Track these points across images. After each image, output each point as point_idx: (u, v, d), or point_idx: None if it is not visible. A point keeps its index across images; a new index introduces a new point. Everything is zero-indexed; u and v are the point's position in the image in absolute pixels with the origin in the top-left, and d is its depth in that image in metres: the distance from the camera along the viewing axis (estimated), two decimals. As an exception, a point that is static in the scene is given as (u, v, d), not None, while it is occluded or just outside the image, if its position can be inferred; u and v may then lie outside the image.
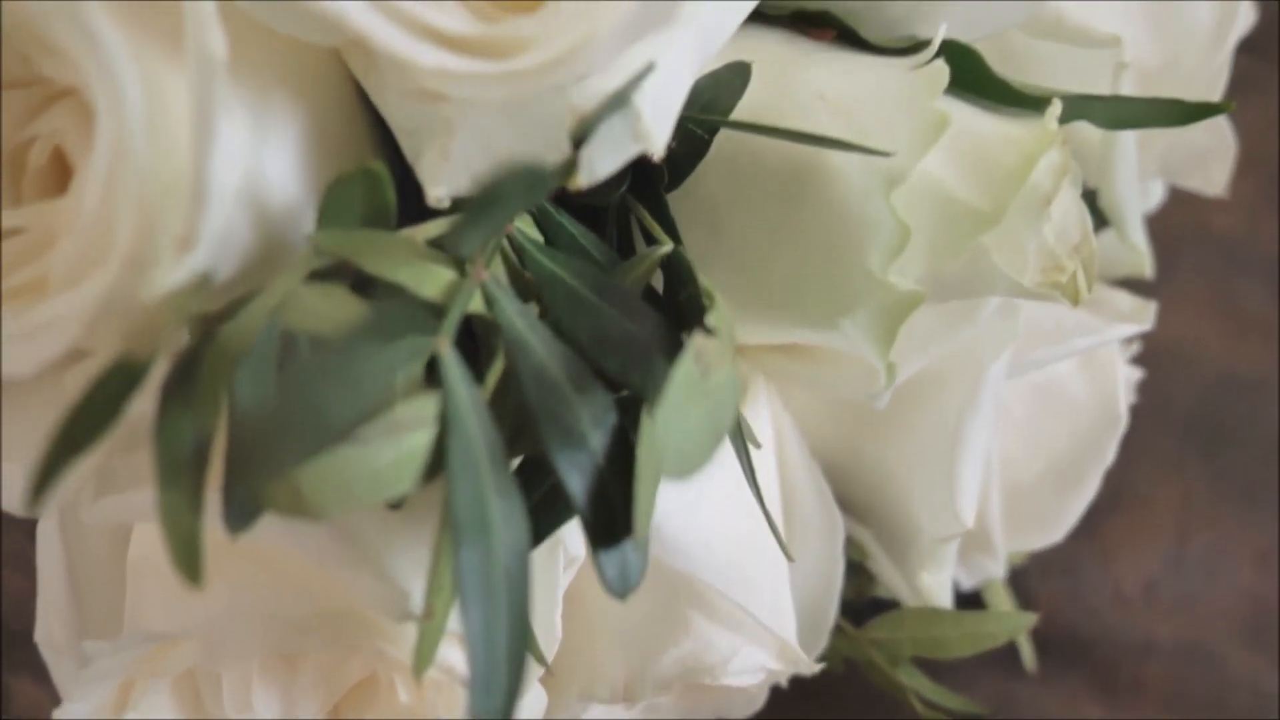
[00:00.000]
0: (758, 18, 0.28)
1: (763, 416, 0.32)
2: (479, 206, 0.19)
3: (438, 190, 0.21)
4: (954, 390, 0.32)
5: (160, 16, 0.21)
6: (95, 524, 0.22)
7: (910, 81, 0.25)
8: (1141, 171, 0.35)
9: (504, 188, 0.18)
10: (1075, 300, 0.26)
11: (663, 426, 0.19)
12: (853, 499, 0.35)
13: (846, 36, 0.28)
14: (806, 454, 0.32)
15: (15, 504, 0.20)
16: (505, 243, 0.24)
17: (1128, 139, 0.32)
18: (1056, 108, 0.26)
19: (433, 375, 0.20)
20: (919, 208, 0.25)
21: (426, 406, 0.19)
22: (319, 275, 0.21)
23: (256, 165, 0.21)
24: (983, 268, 0.25)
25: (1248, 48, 0.72)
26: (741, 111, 0.26)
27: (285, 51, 0.22)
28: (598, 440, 0.21)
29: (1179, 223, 0.43)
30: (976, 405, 0.31)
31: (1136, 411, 0.40)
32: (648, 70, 0.20)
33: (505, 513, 0.20)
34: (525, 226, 0.25)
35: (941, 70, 0.25)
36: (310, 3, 0.19)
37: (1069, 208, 0.26)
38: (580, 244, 0.26)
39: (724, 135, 0.26)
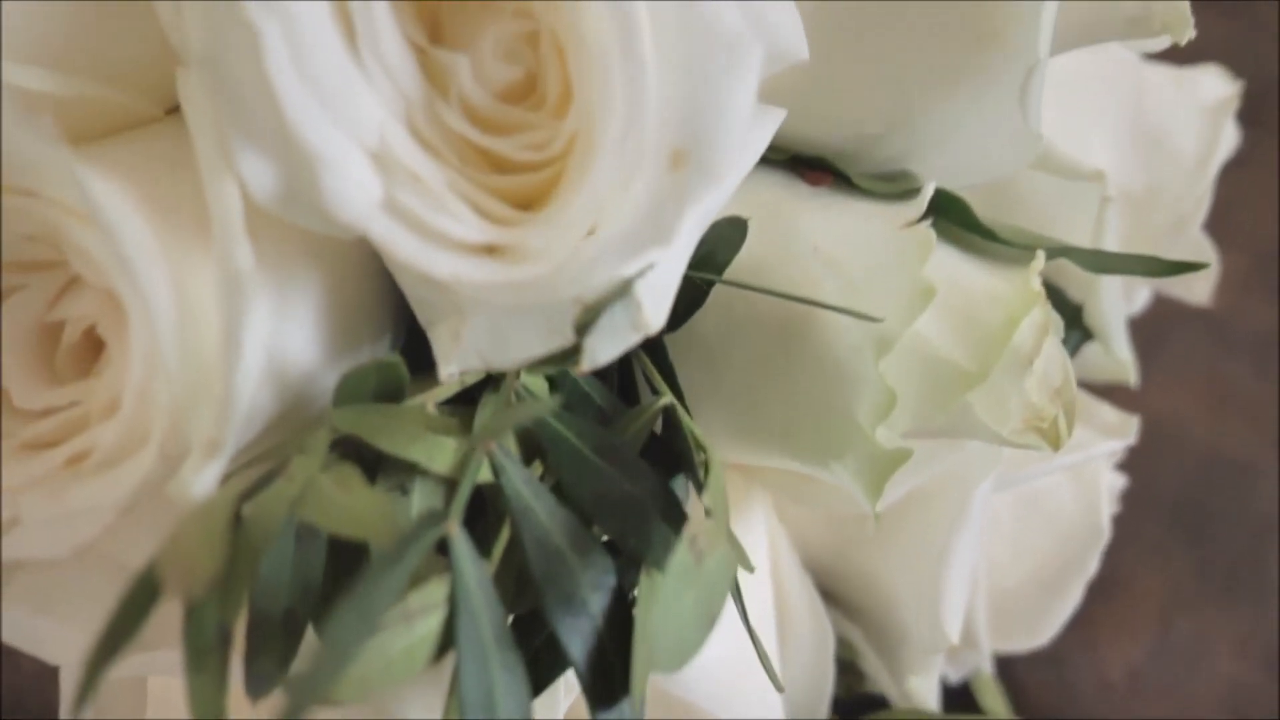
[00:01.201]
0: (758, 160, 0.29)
1: (757, 528, 0.33)
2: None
3: (449, 368, 0.22)
4: (941, 507, 0.33)
5: (184, 202, 0.22)
6: (120, 675, 0.23)
7: (900, 244, 0.26)
8: (1126, 284, 0.36)
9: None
10: (1056, 446, 0.27)
11: (657, 617, 0.20)
12: (843, 598, 0.37)
13: (840, 178, 0.30)
14: (799, 565, 0.34)
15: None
16: (512, 397, 0.25)
17: (1113, 245, 0.34)
18: (1039, 262, 0.27)
19: (440, 546, 0.22)
20: (907, 365, 0.26)
21: (437, 591, 0.20)
22: (336, 445, 0.22)
23: (278, 341, 0.23)
24: (967, 420, 0.26)
25: (1245, 117, 0.73)
26: (739, 259, 0.27)
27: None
28: (597, 604, 0.23)
29: (1167, 299, 0.44)
30: (963, 524, 0.32)
31: (1124, 494, 0.41)
32: (650, 266, 0.21)
33: (508, 686, 0.21)
34: (531, 379, 0.26)
35: (929, 236, 0.26)
36: (335, 212, 0.20)
37: (1051, 354, 0.27)
38: (583, 388, 0.27)
39: (721, 281, 0.27)
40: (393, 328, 0.27)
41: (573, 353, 0.22)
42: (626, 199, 0.20)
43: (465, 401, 0.25)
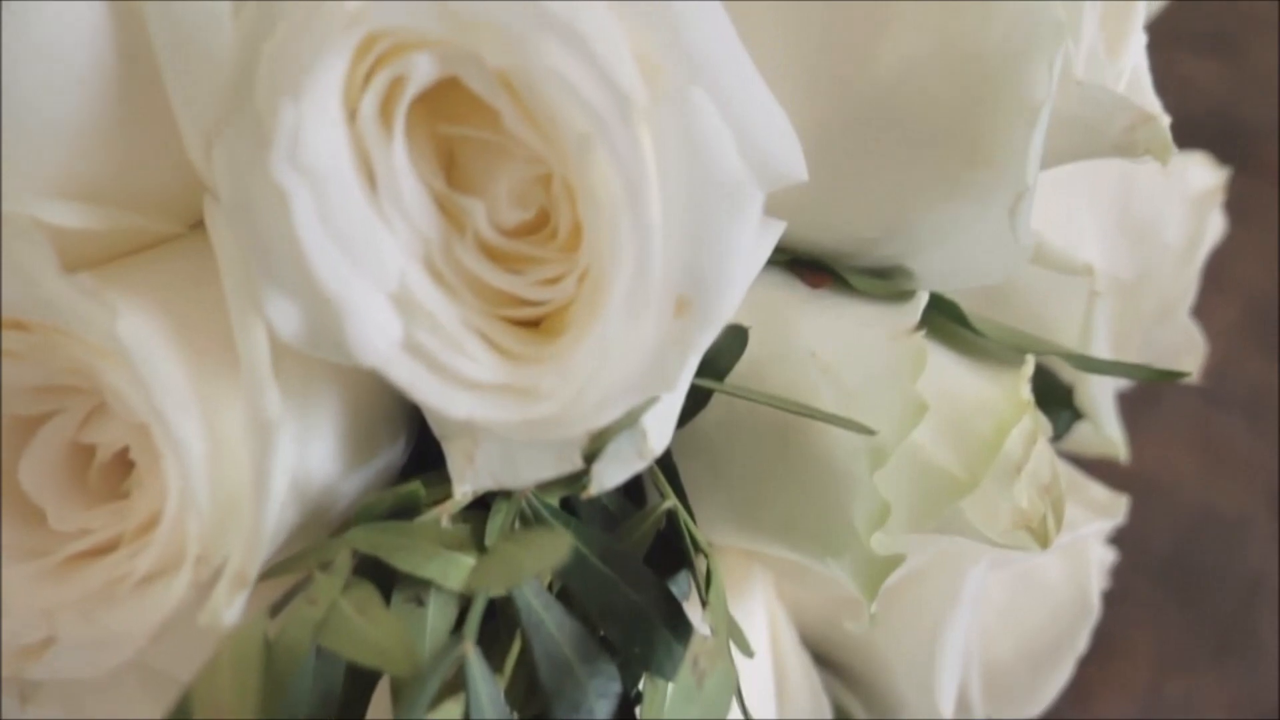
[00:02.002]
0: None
1: (758, 607, 0.34)
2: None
3: (463, 488, 0.24)
4: (936, 585, 0.34)
5: (211, 324, 0.23)
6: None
7: (895, 356, 0.27)
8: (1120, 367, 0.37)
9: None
10: (1045, 544, 0.28)
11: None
12: (840, 665, 0.38)
13: (838, 279, 0.31)
14: (797, 641, 0.35)
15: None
16: (524, 504, 0.26)
17: (1100, 345, 0.35)
18: (1028, 368, 0.28)
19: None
20: (901, 471, 0.27)
21: (453, 710, 0.22)
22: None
23: (302, 461, 0.24)
24: (957, 521, 0.28)
25: (1239, 165, 0.74)
26: (740, 362, 0.28)
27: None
28: (603, 710, 0.24)
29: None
30: (957, 603, 0.33)
31: (1115, 550, 0.42)
32: (655, 400, 0.22)
33: (521, 798, 0.22)
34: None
35: (922, 350, 0.27)
36: (358, 354, 0.21)
37: (1040, 454, 0.28)
38: (589, 488, 0.28)
39: (722, 380, 0.28)
40: (407, 428, 0.28)
41: (581, 475, 0.23)
42: (632, 341, 0.21)
43: (478, 503, 0.26)
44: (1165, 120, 0.28)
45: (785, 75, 0.26)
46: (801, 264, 0.31)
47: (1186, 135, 0.76)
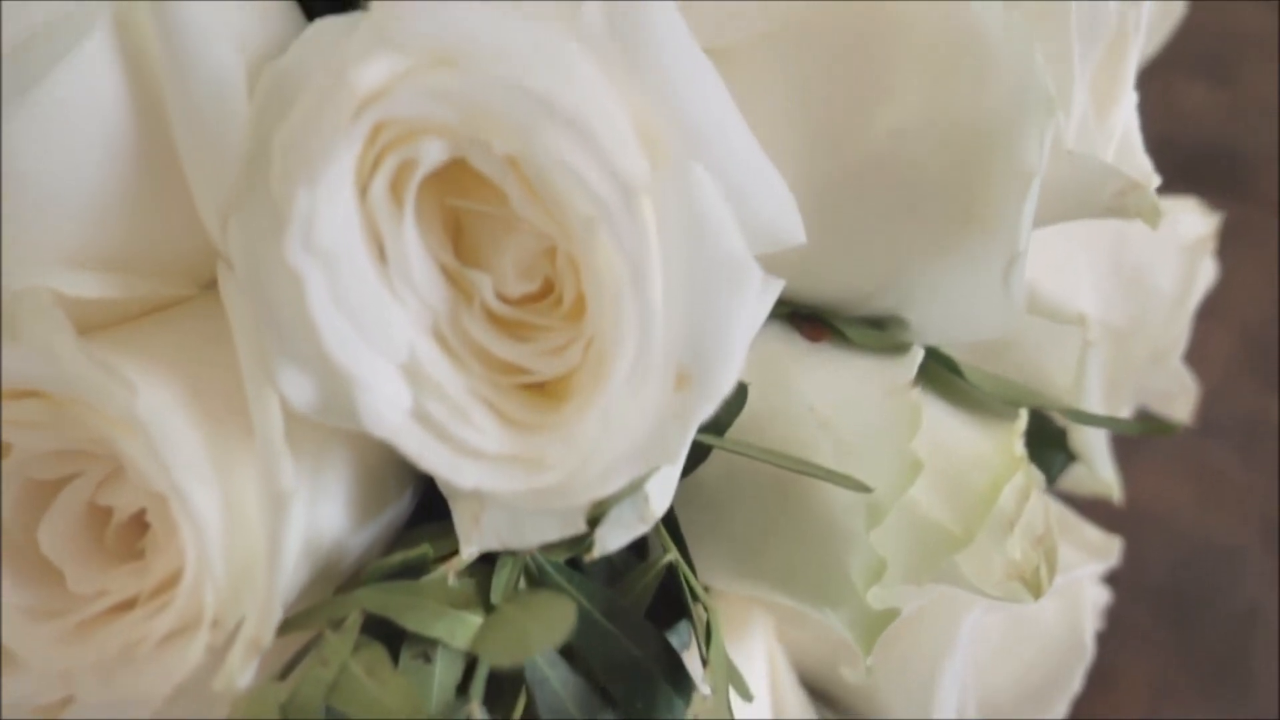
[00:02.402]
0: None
1: (757, 651, 0.35)
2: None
3: (470, 549, 0.24)
4: (933, 627, 0.35)
5: (226, 386, 0.24)
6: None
7: (891, 413, 0.28)
8: (1108, 403, 0.38)
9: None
10: (1038, 594, 0.29)
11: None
12: (838, 701, 0.38)
13: (836, 331, 0.31)
14: (796, 683, 0.35)
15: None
16: (529, 560, 0.27)
17: (1094, 392, 0.35)
18: (1021, 423, 0.29)
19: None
20: (896, 525, 0.28)
21: (460, 772, 0.22)
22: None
23: (313, 520, 0.24)
24: (952, 574, 0.28)
25: (1235, 192, 0.75)
26: (740, 416, 0.29)
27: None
28: (606, 766, 0.24)
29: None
30: (953, 648, 0.34)
31: (1111, 581, 0.43)
32: (658, 469, 0.23)
33: None
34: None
35: (917, 408, 0.27)
36: (368, 426, 0.22)
37: (1033, 507, 0.29)
38: (593, 539, 0.28)
39: (722, 432, 0.29)
40: (414, 481, 0.29)
41: (585, 537, 0.24)
42: (635, 413, 0.22)
43: (484, 556, 0.27)
44: (1155, 182, 0.29)
45: (784, 139, 0.27)
46: (800, 317, 0.32)
47: (1183, 162, 0.76)
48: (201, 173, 0.22)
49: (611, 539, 0.23)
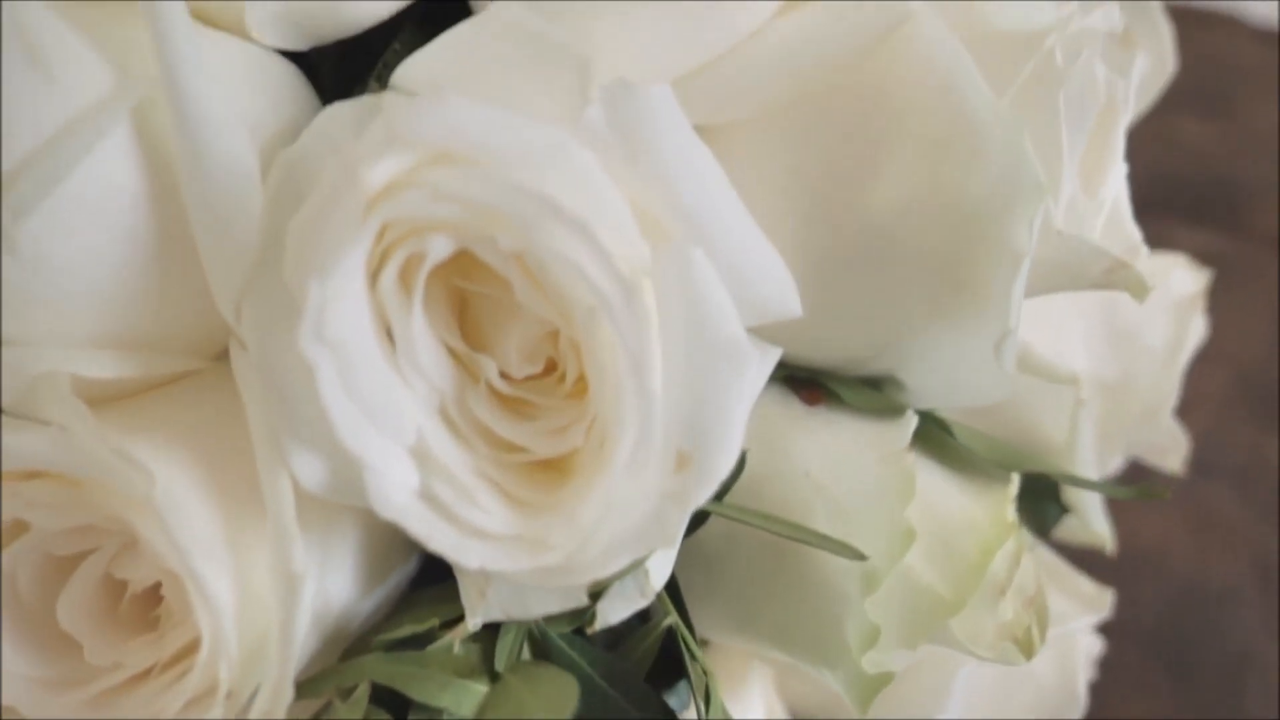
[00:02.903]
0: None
1: (755, 701, 0.35)
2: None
3: (475, 620, 0.25)
4: (926, 682, 0.35)
5: (238, 460, 0.25)
6: None
7: (886, 479, 0.28)
8: (1102, 463, 0.39)
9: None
10: (1029, 655, 0.30)
11: None
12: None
13: (831, 394, 0.32)
14: (795, 734, 0.36)
15: None
16: (532, 627, 0.27)
17: (1086, 450, 0.36)
18: (1013, 488, 0.30)
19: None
20: (891, 591, 0.28)
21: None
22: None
23: (322, 590, 0.25)
24: (944, 636, 0.29)
25: (1229, 226, 0.75)
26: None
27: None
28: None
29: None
30: (946, 701, 0.34)
31: (1106, 624, 0.43)
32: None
33: None
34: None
35: (911, 475, 0.28)
36: (377, 507, 0.22)
37: (1025, 569, 0.30)
38: (595, 601, 0.29)
39: (722, 492, 0.30)
40: (420, 546, 0.29)
41: (586, 609, 0.25)
42: (635, 494, 0.22)
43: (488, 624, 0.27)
44: (1143, 253, 0.30)
45: (782, 213, 0.28)
46: (798, 380, 0.32)
47: (1179, 196, 0.77)
48: (217, 259, 0.23)
49: (613, 612, 0.24)
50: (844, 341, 0.30)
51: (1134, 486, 0.30)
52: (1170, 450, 0.39)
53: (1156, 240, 0.74)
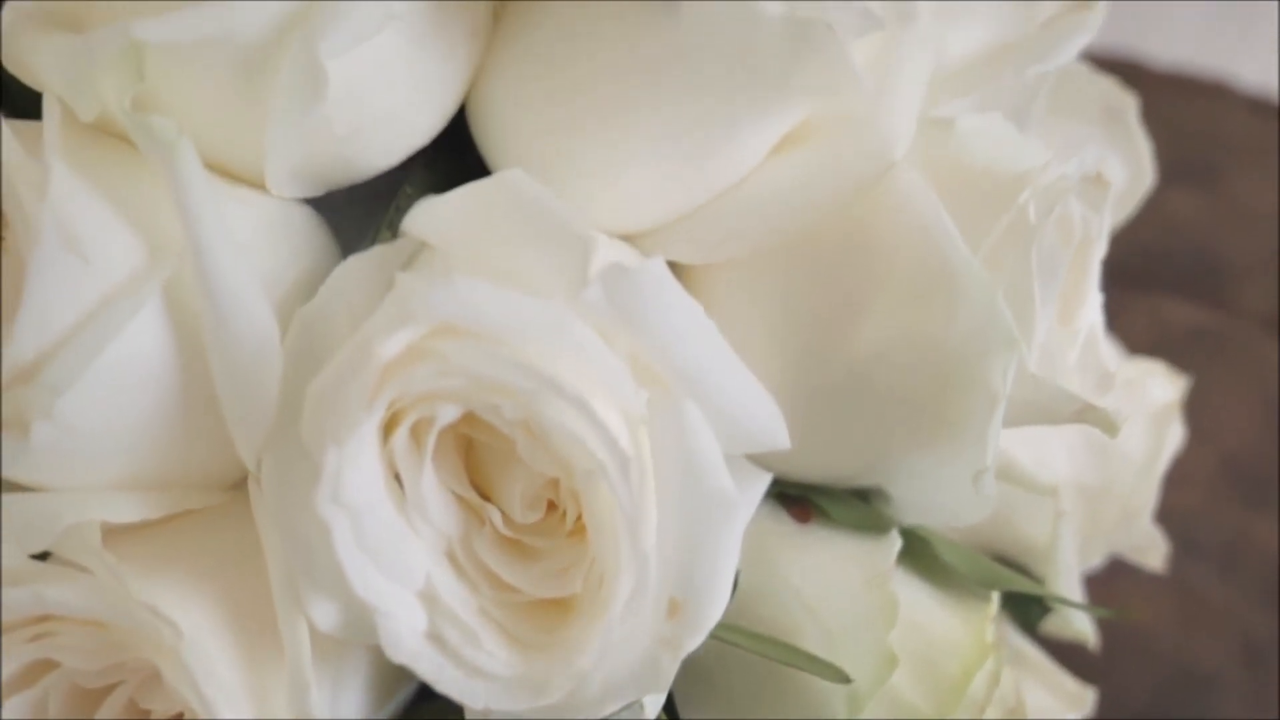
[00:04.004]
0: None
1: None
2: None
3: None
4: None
5: (256, 594, 0.26)
6: None
7: (870, 604, 0.30)
8: (1083, 561, 0.40)
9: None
10: (1011, 767, 0.31)
11: None
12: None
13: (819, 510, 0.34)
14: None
15: None
16: None
17: (1068, 556, 0.37)
18: (993, 607, 0.31)
19: None
20: (876, 707, 0.30)
21: None
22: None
23: (335, 710, 0.27)
24: (928, 752, 0.30)
25: (1215, 300, 0.76)
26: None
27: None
28: None
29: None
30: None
31: (1095, 707, 0.44)
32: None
33: None
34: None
35: (893, 601, 0.30)
36: (388, 650, 0.24)
37: (1004, 686, 0.31)
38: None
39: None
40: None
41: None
42: (630, 639, 0.24)
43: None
44: (1115, 383, 0.31)
45: (770, 351, 0.29)
46: (788, 498, 0.34)
47: (1167, 270, 0.78)
48: (239, 416, 0.24)
49: (612, 743, 0.26)
50: (831, 464, 0.32)
51: (1116, 610, 0.31)
52: (1149, 549, 0.40)
53: (1144, 314, 0.75)
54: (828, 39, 0.24)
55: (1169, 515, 0.57)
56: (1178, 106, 0.80)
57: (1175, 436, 0.39)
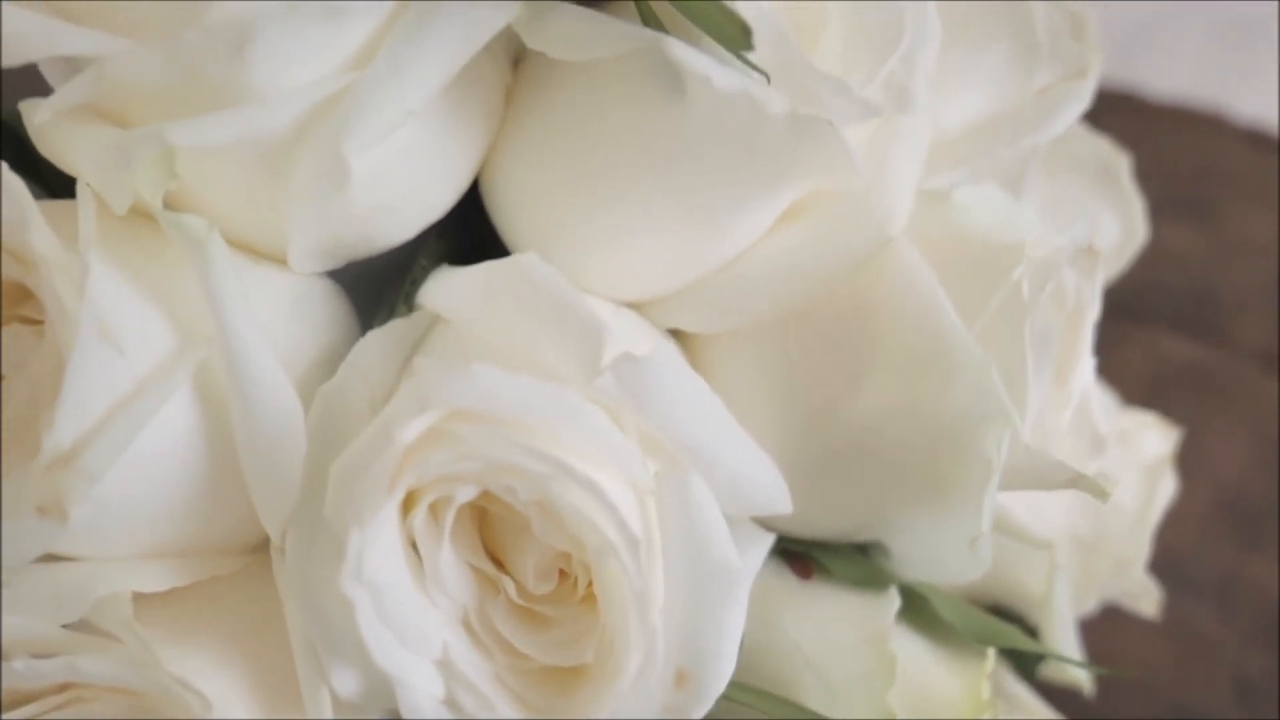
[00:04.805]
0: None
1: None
2: None
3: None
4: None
5: (278, 659, 0.27)
6: None
7: (870, 663, 0.31)
8: (1078, 607, 0.41)
9: None
10: (1006, 820, 0.32)
11: None
12: None
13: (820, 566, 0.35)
14: None
15: None
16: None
17: (1063, 608, 0.38)
18: (989, 664, 0.32)
19: None
20: (876, 765, 0.31)
21: None
22: None
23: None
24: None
25: (1209, 336, 0.77)
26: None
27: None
28: None
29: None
30: None
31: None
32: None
33: None
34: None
35: (892, 660, 0.31)
36: (409, 716, 0.25)
37: (1002, 736, 0.32)
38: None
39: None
40: None
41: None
42: (638, 704, 0.25)
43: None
44: (1108, 443, 0.32)
45: (770, 417, 0.30)
46: (790, 554, 0.35)
47: (1163, 305, 0.78)
48: (264, 492, 0.25)
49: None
50: (831, 523, 0.33)
51: (1111, 669, 0.32)
52: (1143, 596, 0.41)
53: (1140, 349, 0.76)
54: (828, 131, 0.26)
55: (1164, 552, 0.57)
56: (1174, 138, 0.81)
57: (1168, 489, 0.40)
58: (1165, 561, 0.57)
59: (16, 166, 0.24)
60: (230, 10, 0.22)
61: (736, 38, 0.23)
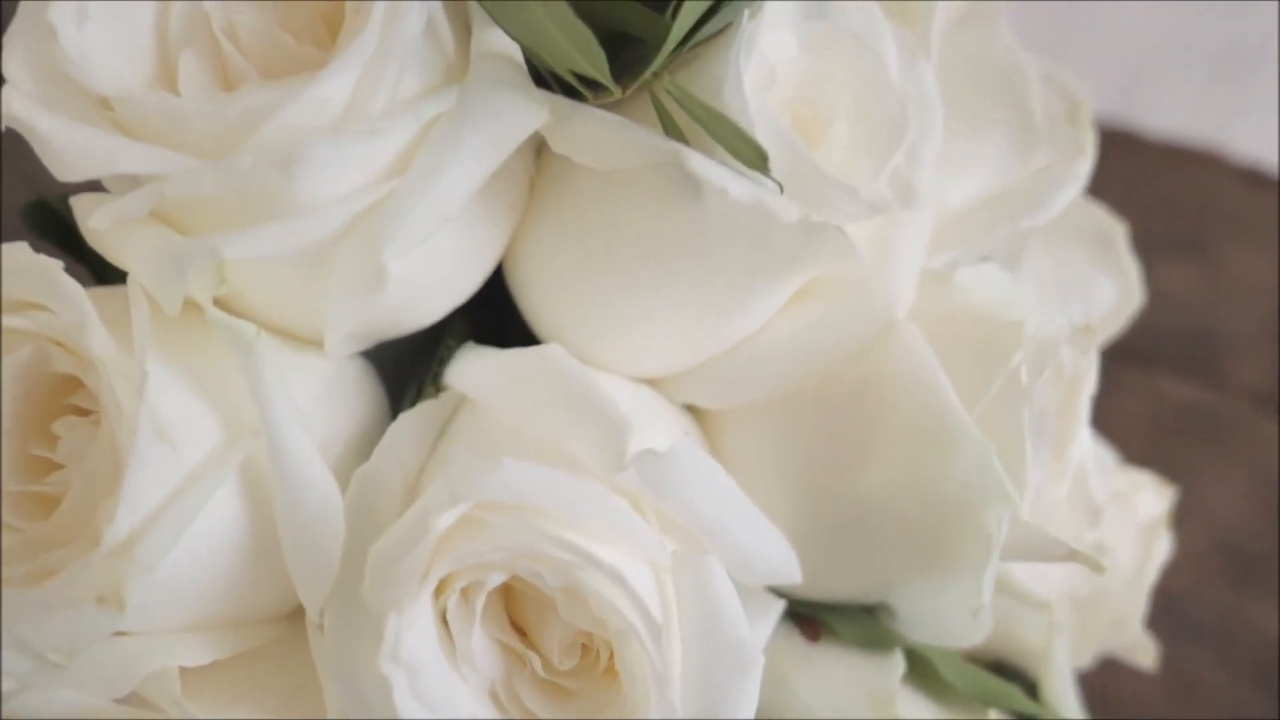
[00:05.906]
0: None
1: None
2: None
3: None
4: None
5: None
6: None
7: (875, 727, 0.32)
8: (1076, 661, 0.42)
9: None
10: None
11: None
12: None
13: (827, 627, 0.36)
14: None
15: None
16: None
17: (1062, 660, 0.40)
18: (991, 723, 0.34)
19: None
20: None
21: None
22: None
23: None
24: None
25: (1208, 380, 0.78)
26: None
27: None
28: None
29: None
30: None
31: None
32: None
33: None
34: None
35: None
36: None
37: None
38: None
39: None
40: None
41: None
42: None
43: None
44: (1103, 519, 0.34)
45: (780, 490, 0.32)
46: (799, 616, 0.36)
47: (1161, 347, 0.79)
48: (304, 573, 0.27)
49: None
50: (837, 589, 0.34)
51: (1109, 716, 0.33)
52: (1139, 650, 0.43)
53: (1138, 392, 0.77)
54: (836, 233, 0.27)
55: (1161, 594, 0.59)
56: (1172, 176, 0.82)
57: (1163, 548, 0.41)
58: (1163, 604, 0.58)
59: (57, 240, 0.26)
60: (279, 130, 0.24)
61: (754, 159, 0.25)
